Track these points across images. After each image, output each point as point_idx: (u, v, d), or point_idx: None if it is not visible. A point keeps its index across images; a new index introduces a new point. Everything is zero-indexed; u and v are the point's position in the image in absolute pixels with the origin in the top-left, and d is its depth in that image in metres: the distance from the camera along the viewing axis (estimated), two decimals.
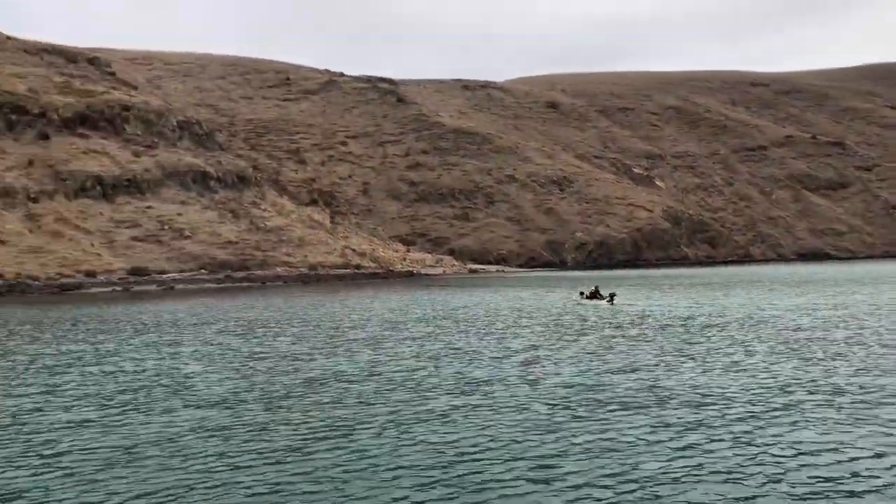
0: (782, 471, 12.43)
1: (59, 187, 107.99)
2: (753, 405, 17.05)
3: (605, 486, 11.88)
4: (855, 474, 12.23)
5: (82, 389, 21.01)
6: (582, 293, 52.45)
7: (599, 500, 11.38)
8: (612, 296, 48.56)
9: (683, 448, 13.77)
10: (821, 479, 12.01)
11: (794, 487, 11.69)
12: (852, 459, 12.94)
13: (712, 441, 14.19)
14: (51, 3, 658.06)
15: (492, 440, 14.53)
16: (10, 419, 17.40)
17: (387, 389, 19.78)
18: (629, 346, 27.21)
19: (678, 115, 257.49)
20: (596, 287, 52.22)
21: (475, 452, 13.76)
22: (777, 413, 16.26)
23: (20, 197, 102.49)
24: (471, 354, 26.12)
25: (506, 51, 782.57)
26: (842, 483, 11.86)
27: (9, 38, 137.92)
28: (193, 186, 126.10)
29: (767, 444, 13.89)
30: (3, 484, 12.64)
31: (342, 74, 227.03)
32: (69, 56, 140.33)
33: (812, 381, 19.86)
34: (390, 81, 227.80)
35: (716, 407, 16.98)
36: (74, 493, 12.10)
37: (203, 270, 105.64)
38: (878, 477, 12.09)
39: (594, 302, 49.03)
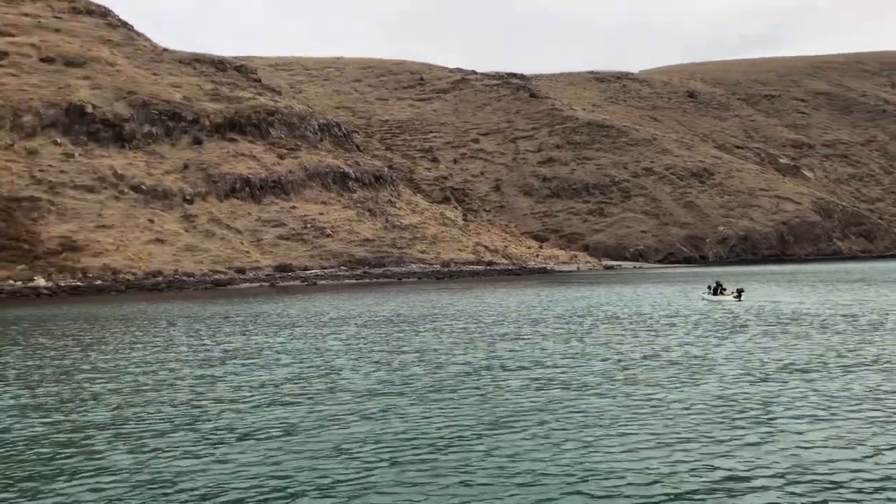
0: None
1: (211, 189, 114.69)
2: None
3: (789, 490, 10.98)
4: None
5: (240, 379, 21.90)
6: (709, 287, 50.40)
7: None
8: (739, 291, 46.51)
9: (872, 455, 12.56)
10: None
11: None
12: None
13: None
14: (201, 14, 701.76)
15: (657, 445, 13.82)
16: (172, 409, 18.33)
17: (535, 386, 19.39)
18: (787, 345, 25.45)
19: (829, 100, 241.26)
20: (717, 282, 49.87)
21: (636, 456, 13.12)
22: None
23: (177, 199, 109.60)
24: (618, 352, 25.27)
25: (643, 42, 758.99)
26: None
27: (165, 49, 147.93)
28: (333, 187, 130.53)
29: None
30: (179, 469, 13.23)
31: (474, 72, 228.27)
32: (218, 65, 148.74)
33: None
34: (522, 77, 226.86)
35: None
36: (240, 478, 12.49)
37: (343, 267, 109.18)
38: None
39: (719, 298, 47.05)
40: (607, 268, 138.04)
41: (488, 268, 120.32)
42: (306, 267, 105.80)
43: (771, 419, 15.17)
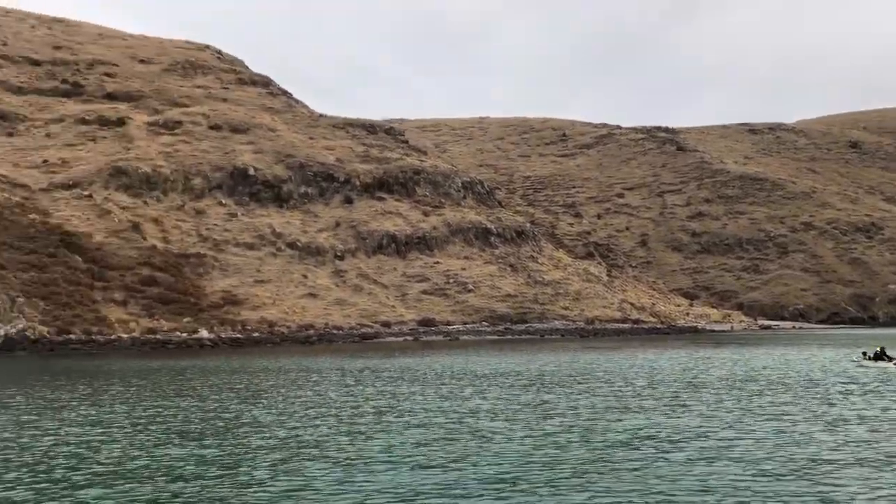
0: None
1: (360, 246, 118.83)
2: None
3: None
4: None
5: (392, 438, 21.78)
6: (864, 353, 45.89)
7: None
8: None
9: None
10: None
11: None
12: None
13: None
14: (355, 80, 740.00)
15: None
16: (330, 465, 18.37)
17: (702, 460, 18.00)
18: None
19: None
20: (881, 348, 45.29)
21: None
22: None
23: (329, 255, 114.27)
24: (791, 422, 23.20)
25: (797, 91, 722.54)
26: None
27: (321, 115, 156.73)
28: (476, 242, 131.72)
29: None
30: None
31: (619, 127, 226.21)
32: (369, 128, 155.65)
33: None
34: (668, 130, 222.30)
35: None
36: None
37: (484, 322, 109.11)
38: None
39: (880, 364, 42.69)
40: (764, 328, 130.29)
41: (635, 326, 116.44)
42: (449, 322, 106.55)
43: None
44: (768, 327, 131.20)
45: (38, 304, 75.46)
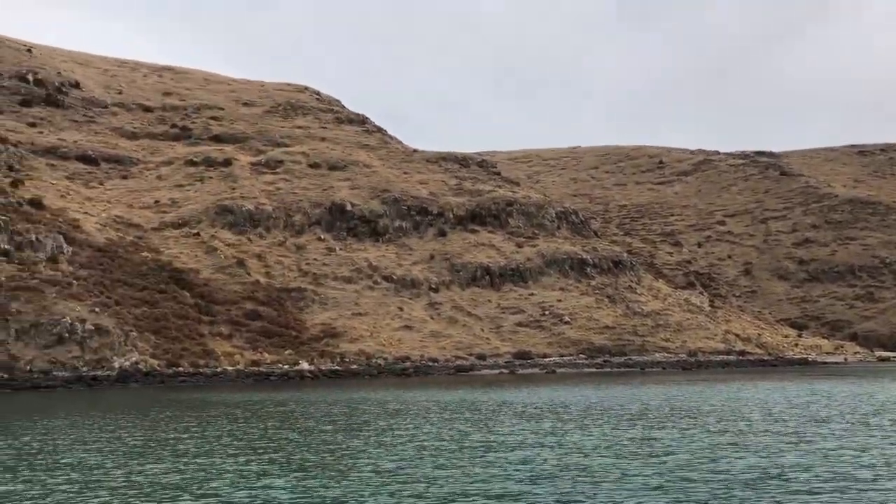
0: None
1: (454, 278, 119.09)
2: None
3: None
4: None
5: (500, 470, 21.16)
6: None
7: None
8: None
9: None
10: None
11: None
12: None
13: None
14: (447, 118, 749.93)
15: None
16: (437, 501, 17.92)
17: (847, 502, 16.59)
18: None
19: None
20: None
21: None
22: None
23: (423, 287, 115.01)
24: None
25: None
26: None
27: (415, 151, 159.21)
28: (571, 273, 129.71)
29: None
30: None
31: (717, 152, 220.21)
32: (462, 162, 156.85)
33: None
34: (770, 154, 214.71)
35: None
36: None
37: (582, 355, 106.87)
38: None
39: None
40: (881, 359, 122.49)
41: (740, 358, 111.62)
42: (545, 354, 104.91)
43: None
44: (887, 359, 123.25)
45: (150, 337, 78.74)
